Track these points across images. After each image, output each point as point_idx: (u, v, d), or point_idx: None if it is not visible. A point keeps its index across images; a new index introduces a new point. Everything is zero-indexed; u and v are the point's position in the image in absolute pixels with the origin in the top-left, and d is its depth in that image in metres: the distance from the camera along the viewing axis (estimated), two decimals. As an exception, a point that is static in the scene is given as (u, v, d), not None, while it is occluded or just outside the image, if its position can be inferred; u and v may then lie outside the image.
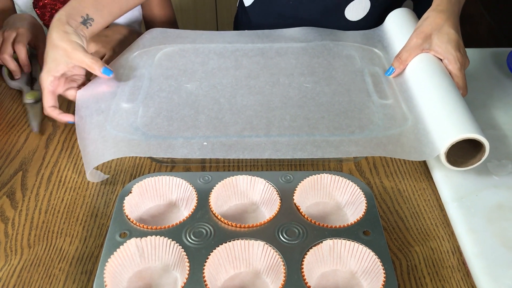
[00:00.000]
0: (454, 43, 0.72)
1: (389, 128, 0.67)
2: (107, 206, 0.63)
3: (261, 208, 0.61)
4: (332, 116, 0.69)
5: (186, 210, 0.60)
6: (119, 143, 0.64)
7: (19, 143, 0.73)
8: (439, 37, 0.72)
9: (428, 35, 0.73)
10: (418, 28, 0.75)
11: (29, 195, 0.64)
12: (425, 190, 0.65)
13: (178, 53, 0.84)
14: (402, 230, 0.60)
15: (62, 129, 0.76)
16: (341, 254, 0.53)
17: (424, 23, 0.74)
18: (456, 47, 0.72)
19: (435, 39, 0.73)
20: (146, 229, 0.55)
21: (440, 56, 0.73)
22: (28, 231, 0.59)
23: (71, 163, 0.69)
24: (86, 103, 0.73)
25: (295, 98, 0.73)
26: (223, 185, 0.60)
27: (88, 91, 0.75)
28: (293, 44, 0.86)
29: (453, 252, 0.57)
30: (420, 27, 0.74)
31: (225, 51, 0.85)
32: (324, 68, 0.80)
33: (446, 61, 0.72)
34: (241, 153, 0.63)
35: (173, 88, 0.75)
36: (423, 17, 0.75)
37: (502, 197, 0.61)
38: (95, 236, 0.59)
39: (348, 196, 0.60)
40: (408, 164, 0.69)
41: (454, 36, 0.72)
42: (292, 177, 0.62)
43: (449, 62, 0.72)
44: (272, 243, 0.53)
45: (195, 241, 0.54)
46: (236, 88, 0.75)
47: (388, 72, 0.77)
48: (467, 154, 0.63)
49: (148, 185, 0.60)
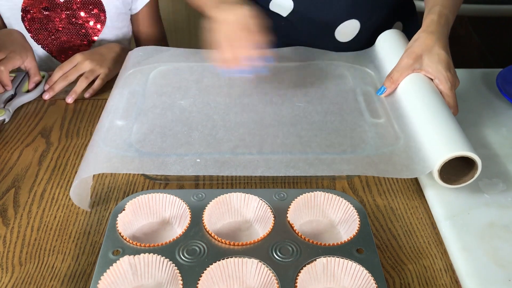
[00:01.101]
0: (444, 63, 0.73)
1: (381, 147, 0.67)
2: (100, 223, 0.62)
3: (254, 226, 0.61)
4: (325, 134, 0.70)
5: (179, 227, 0.60)
6: (112, 158, 0.64)
7: (12, 160, 0.73)
8: (430, 57, 0.74)
9: (419, 55, 0.74)
10: (409, 49, 0.76)
11: (21, 212, 0.64)
12: (417, 208, 0.65)
13: (172, 71, 0.85)
14: (395, 248, 0.60)
15: (55, 146, 0.75)
16: (334, 272, 0.53)
17: (414, 43, 0.76)
18: (447, 67, 0.73)
19: (426, 60, 0.74)
20: (139, 246, 0.55)
21: (431, 76, 0.74)
22: (20, 248, 0.59)
23: (64, 180, 0.69)
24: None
25: (288, 116, 0.74)
26: (217, 202, 0.60)
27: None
28: (286, 64, 0.87)
29: (446, 270, 0.57)
30: (411, 47, 0.76)
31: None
32: (316, 88, 0.81)
33: (437, 80, 0.73)
34: (234, 170, 0.63)
35: (167, 105, 0.76)
36: (413, 38, 0.77)
37: (494, 215, 0.62)
38: (87, 253, 0.58)
39: (342, 214, 0.61)
40: (400, 182, 0.70)
41: (444, 56, 0.73)
42: (285, 194, 0.62)
43: (440, 82, 0.73)
44: (265, 261, 0.53)
45: (188, 259, 0.53)
46: (230, 106, 0.76)
47: (380, 91, 0.78)
48: (460, 172, 0.64)
49: (141, 203, 0.60)
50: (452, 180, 0.63)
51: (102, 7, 1.04)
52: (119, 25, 1.09)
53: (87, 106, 0.86)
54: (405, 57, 0.76)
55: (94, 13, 1.04)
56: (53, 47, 1.08)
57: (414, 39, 0.76)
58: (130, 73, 0.84)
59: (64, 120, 0.81)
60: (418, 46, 0.75)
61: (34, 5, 1.01)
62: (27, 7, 1.01)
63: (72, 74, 0.89)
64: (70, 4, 1.02)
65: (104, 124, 0.71)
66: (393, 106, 0.76)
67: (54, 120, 0.81)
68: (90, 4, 1.03)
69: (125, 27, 1.12)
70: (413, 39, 0.77)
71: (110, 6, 1.05)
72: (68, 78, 0.89)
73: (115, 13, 1.07)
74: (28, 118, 0.82)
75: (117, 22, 1.08)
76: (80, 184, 0.62)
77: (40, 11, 1.02)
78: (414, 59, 0.74)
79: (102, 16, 1.05)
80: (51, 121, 0.81)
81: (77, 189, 0.62)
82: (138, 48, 0.93)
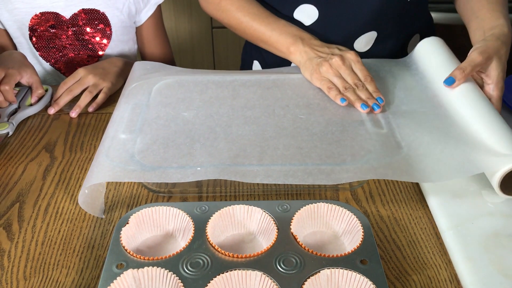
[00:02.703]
0: (504, 72, 0.75)
1: (383, 157, 0.67)
2: (104, 237, 0.63)
3: (258, 238, 0.61)
4: (325, 145, 0.70)
5: (183, 240, 0.60)
6: (115, 167, 0.65)
7: (17, 174, 0.73)
8: (497, 62, 0.75)
9: (490, 57, 0.75)
10: (481, 47, 0.76)
11: (25, 226, 0.64)
12: (421, 219, 0.65)
13: (177, 82, 0.86)
14: (399, 259, 0.60)
15: (59, 160, 0.76)
16: (338, 283, 0.53)
17: (487, 44, 0.76)
18: (504, 77, 0.75)
19: (494, 63, 0.75)
20: (142, 260, 0.55)
21: (490, 81, 0.75)
22: (24, 263, 0.59)
23: (68, 194, 0.69)
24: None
25: (289, 128, 0.74)
26: (220, 215, 0.60)
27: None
28: (290, 75, 0.88)
29: (450, 281, 0.57)
30: (482, 47, 0.76)
31: (223, 80, 0.86)
32: (319, 100, 0.81)
33: (493, 86, 0.75)
34: (233, 175, 0.63)
35: (171, 116, 0.76)
36: (483, 39, 0.77)
37: (498, 225, 0.61)
38: (91, 267, 0.58)
39: (345, 225, 0.61)
40: (404, 192, 0.69)
41: (505, 66, 0.75)
42: (289, 206, 0.62)
43: (495, 88, 0.74)
44: (269, 273, 0.53)
45: (192, 271, 0.53)
46: (232, 118, 0.76)
47: (448, 81, 0.76)
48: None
49: (145, 216, 0.60)
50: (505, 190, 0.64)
51: (107, 22, 1.06)
52: (125, 38, 1.11)
53: (91, 120, 0.86)
54: (477, 54, 0.75)
55: (100, 28, 1.06)
56: (61, 64, 1.09)
57: (485, 39, 0.77)
58: (135, 85, 0.85)
59: (68, 135, 0.82)
60: (492, 48, 0.75)
61: (41, 23, 1.03)
62: (34, 26, 1.03)
63: (76, 89, 0.90)
64: (76, 20, 1.04)
65: (108, 135, 0.72)
66: (396, 116, 0.76)
67: (58, 135, 0.82)
68: (96, 20, 1.05)
69: (131, 40, 1.13)
70: (484, 39, 0.77)
71: (115, 20, 1.06)
72: (72, 92, 0.90)
73: (121, 26, 1.08)
74: (33, 133, 0.83)
75: (123, 35, 1.10)
76: (91, 193, 0.64)
77: (47, 29, 1.03)
78: (486, 59, 0.75)
79: (108, 31, 1.07)
80: (55, 136, 0.82)
81: (89, 199, 0.64)
82: (144, 61, 0.94)
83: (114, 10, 1.06)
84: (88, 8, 1.04)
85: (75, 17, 1.03)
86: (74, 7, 1.03)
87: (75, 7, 1.03)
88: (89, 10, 1.04)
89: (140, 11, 1.10)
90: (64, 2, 1.02)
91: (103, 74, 0.93)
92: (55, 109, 0.88)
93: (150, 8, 1.11)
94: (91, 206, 0.65)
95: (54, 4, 1.02)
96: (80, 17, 1.04)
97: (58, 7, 1.02)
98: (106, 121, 0.86)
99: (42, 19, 1.02)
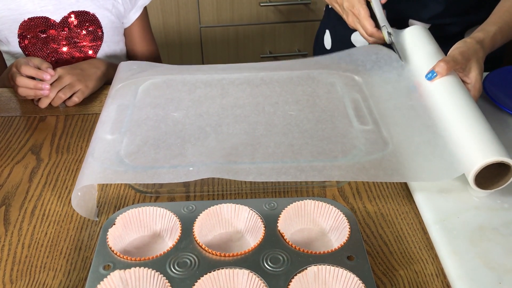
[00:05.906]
0: (482, 75, 0.78)
1: (371, 153, 0.68)
2: (91, 238, 0.62)
3: (245, 236, 0.61)
4: (316, 142, 0.70)
5: (170, 240, 0.60)
6: (106, 170, 0.64)
7: (3, 177, 0.72)
8: (476, 64, 0.77)
9: (469, 58, 0.77)
10: (461, 48, 0.78)
11: (12, 229, 0.64)
12: (408, 214, 0.66)
13: (165, 82, 0.85)
14: (386, 254, 0.60)
15: (46, 162, 0.75)
16: (325, 280, 0.53)
17: (468, 45, 0.78)
18: (482, 78, 0.78)
19: (473, 64, 0.77)
20: (129, 260, 0.55)
21: (469, 81, 0.77)
22: (11, 266, 0.59)
23: (55, 196, 0.69)
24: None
25: (280, 125, 0.74)
26: (207, 214, 0.60)
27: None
28: (278, 73, 0.88)
29: (437, 275, 0.57)
30: (462, 47, 0.77)
31: (211, 79, 0.86)
32: (308, 96, 0.81)
33: (471, 86, 0.77)
34: (226, 174, 0.63)
35: (160, 117, 0.76)
36: (465, 40, 0.79)
37: (483, 218, 0.62)
38: (79, 269, 0.58)
39: (332, 222, 0.61)
40: (390, 188, 0.70)
41: (482, 69, 0.78)
42: (276, 204, 0.62)
43: (474, 89, 0.77)
44: (256, 271, 0.53)
45: (179, 271, 0.53)
46: (222, 117, 0.76)
47: (429, 76, 0.78)
48: (490, 178, 0.64)
49: (131, 216, 0.60)
50: (485, 185, 0.64)
51: (98, 23, 1.05)
52: (116, 39, 1.10)
53: (77, 121, 0.86)
54: (457, 54, 0.77)
55: (91, 30, 1.05)
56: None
57: (466, 41, 0.79)
58: (122, 85, 0.84)
59: (54, 136, 0.81)
60: (472, 50, 0.77)
61: (30, 29, 1.01)
62: (23, 32, 1.02)
63: (52, 92, 0.88)
64: (66, 23, 1.03)
65: (96, 137, 0.72)
66: (381, 113, 0.76)
67: (44, 136, 0.81)
68: (86, 22, 1.04)
69: (122, 41, 1.13)
70: (464, 41, 0.79)
71: (105, 21, 1.06)
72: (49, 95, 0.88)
73: (111, 27, 1.07)
74: (18, 135, 0.82)
75: (114, 36, 1.09)
76: (83, 196, 0.64)
77: (37, 35, 1.02)
78: (465, 59, 0.77)
79: (100, 32, 1.06)
80: (41, 138, 0.81)
81: (82, 201, 0.63)
82: (131, 61, 0.93)
83: (104, 11, 1.05)
84: (78, 10, 1.03)
85: (65, 20, 1.02)
86: (64, 10, 1.02)
87: (65, 10, 1.02)
88: (79, 12, 1.03)
89: (129, 11, 1.09)
90: (53, 6, 1.01)
91: (80, 75, 0.92)
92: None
93: (137, 9, 1.11)
94: (85, 209, 0.64)
95: (43, 8, 1.01)
96: (70, 20, 1.03)
97: (47, 11, 1.01)
98: (92, 122, 0.85)
99: (31, 24, 1.01)
